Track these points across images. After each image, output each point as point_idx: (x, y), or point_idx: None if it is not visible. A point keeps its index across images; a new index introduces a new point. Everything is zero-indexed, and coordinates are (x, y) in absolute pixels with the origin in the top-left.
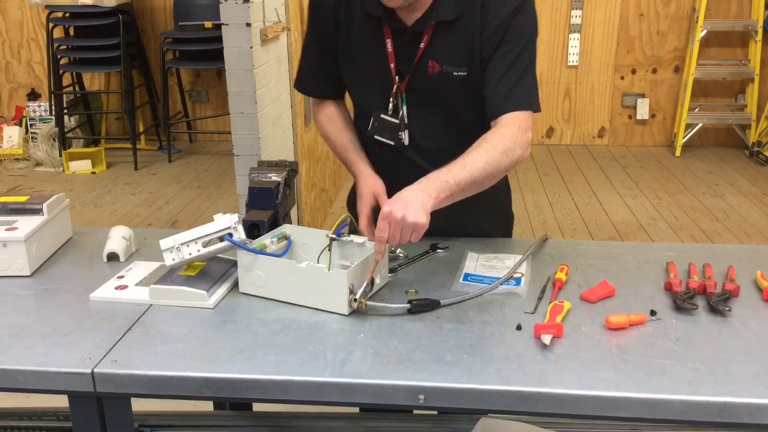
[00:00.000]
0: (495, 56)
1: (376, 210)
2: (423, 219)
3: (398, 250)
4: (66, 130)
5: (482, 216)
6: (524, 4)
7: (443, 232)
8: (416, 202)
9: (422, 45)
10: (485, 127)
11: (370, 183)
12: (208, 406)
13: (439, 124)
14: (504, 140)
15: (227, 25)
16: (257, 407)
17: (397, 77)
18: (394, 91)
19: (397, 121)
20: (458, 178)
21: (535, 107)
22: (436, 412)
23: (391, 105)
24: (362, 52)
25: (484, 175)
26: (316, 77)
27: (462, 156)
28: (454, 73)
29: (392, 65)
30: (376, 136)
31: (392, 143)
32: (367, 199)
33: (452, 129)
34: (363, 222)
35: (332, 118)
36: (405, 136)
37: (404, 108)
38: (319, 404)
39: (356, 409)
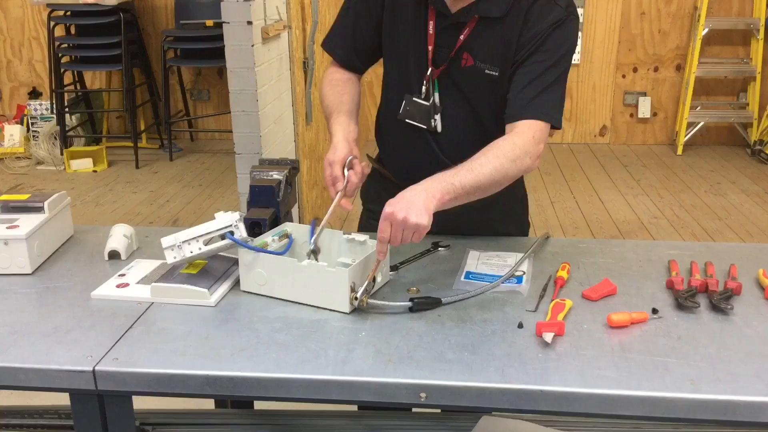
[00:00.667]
0: (527, 63)
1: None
2: (425, 220)
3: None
4: (67, 128)
5: (495, 218)
6: (568, 20)
7: (452, 231)
8: (419, 203)
9: (462, 36)
10: (503, 131)
11: (331, 153)
12: (209, 405)
13: (462, 119)
14: (515, 148)
15: (228, 23)
16: (258, 405)
17: (432, 62)
18: (427, 75)
19: (428, 104)
20: (464, 182)
21: (554, 121)
22: (439, 411)
23: (423, 88)
24: (404, 29)
25: (491, 182)
26: (347, 43)
27: (471, 159)
28: (486, 71)
29: (430, 48)
30: (407, 120)
31: (424, 127)
32: (326, 169)
33: (475, 126)
34: (331, 192)
35: (337, 83)
36: (438, 121)
37: (436, 94)
38: (321, 402)
39: (354, 408)
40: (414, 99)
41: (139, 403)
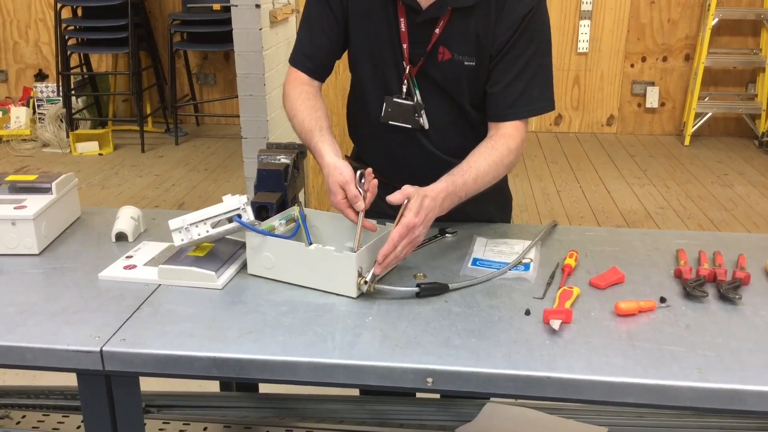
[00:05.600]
0: (508, 56)
1: None
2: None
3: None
4: (73, 111)
5: (481, 197)
6: (539, 5)
7: (444, 217)
8: (432, 220)
9: (437, 30)
10: (485, 120)
11: (336, 174)
12: (214, 387)
13: (446, 111)
14: (510, 154)
15: (236, 6)
16: (263, 389)
17: (408, 60)
18: (406, 74)
19: (411, 103)
20: (468, 193)
21: (544, 110)
22: (439, 396)
23: (404, 87)
24: (374, 29)
25: (486, 187)
26: (309, 55)
27: (473, 167)
28: (465, 63)
29: (405, 46)
30: (390, 122)
31: (409, 126)
32: (338, 193)
33: (458, 115)
34: (351, 215)
35: (306, 98)
36: (424, 119)
37: (417, 92)
38: (327, 386)
39: (356, 392)
40: (395, 100)
41: (144, 385)
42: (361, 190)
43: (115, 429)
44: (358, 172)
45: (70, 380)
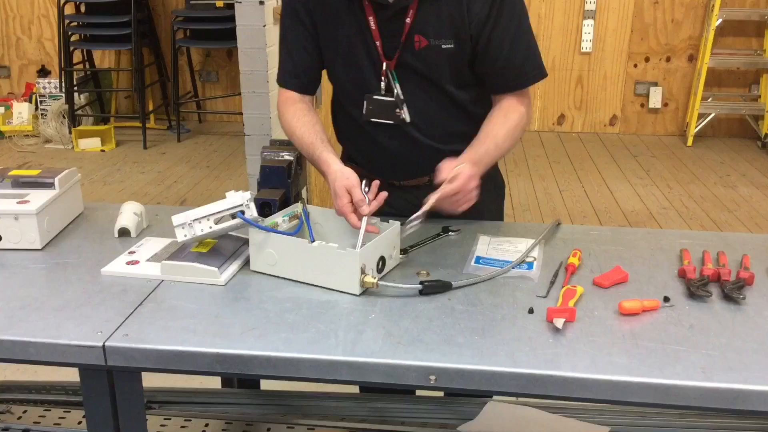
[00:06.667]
0: (495, 34)
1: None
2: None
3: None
4: (76, 107)
5: (484, 193)
6: None
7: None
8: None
9: (408, 20)
10: (476, 94)
11: (343, 179)
12: (215, 384)
13: (431, 98)
14: (524, 118)
15: (240, 2)
16: (264, 386)
17: (383, 55)
18: (384, 70)
19: (392, 99)
20: (492, 159)
21: (544, 73)
22: (442, 394)
23: (383, 84)
24: (344, 33)
25: (506, 153)
26: (295, 71)
27: (492, 132)
28: (443, 46)
29: (378, 43)
30: (372, 119)
31: (392, 122)
32: (344, 197)
33: (442, 100)
34: (353, 220)
35: (302, 114)
36: (405, 113)
37: (397, 85)
38: (330, 383)
39: (356, 390)
40: (375, 97)
41: (146, 381)
42: (366, 197)
43: (117, 424)
44: (364, 180)
45: (71, 375)
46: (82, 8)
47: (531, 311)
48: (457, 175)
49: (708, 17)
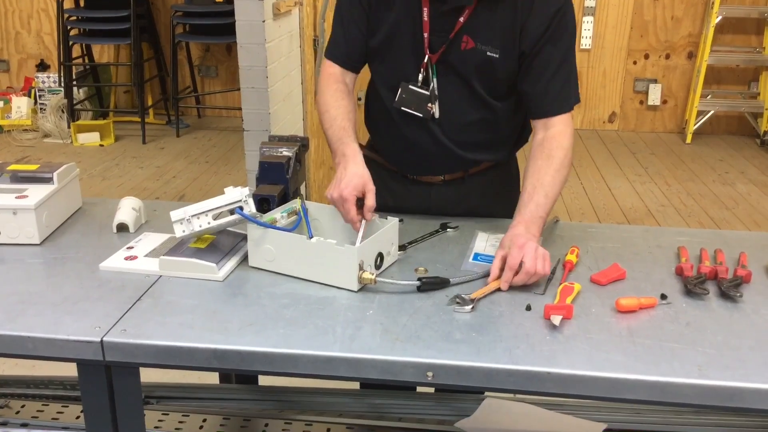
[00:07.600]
0: (542, 54)
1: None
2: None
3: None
4: (75, 102)
5: (494, 198)
6: (567, 3)
7: (449, 212)
8: (540, 252)
9: (462, 19)
10: (507, 109)
11: (362, 171)
12: (213, 379)
13: (464, 101)
14: (568, 153)
15: None
16: (262, 381)
17: (428, 48)
18: (425, 62)
19: (426, 92)
20: (546, 209)
21: (577, 101)
22: (433, 390)
23: (421, 76)
24: (395, 18)
25: (558, 196)
26: (346, 48)
27: (539, 182)
28: (488, 53)
29: (426, 35)
30: (402, 107)
31: (420, 115)
32: (358, 185)
33: (474, 105)
34: (353, 212)
35: (340, 97)
36: (435, 109)
37: (434, 80)
38: (328, 379)
39: (357, 386)
40: (410, 87)
41: (144, 376)
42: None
43: (115, 419)
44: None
45: (69, 370)
46: (82, 2)
47: (528, 308)
48: (507, 254)
49: (707, 14)
